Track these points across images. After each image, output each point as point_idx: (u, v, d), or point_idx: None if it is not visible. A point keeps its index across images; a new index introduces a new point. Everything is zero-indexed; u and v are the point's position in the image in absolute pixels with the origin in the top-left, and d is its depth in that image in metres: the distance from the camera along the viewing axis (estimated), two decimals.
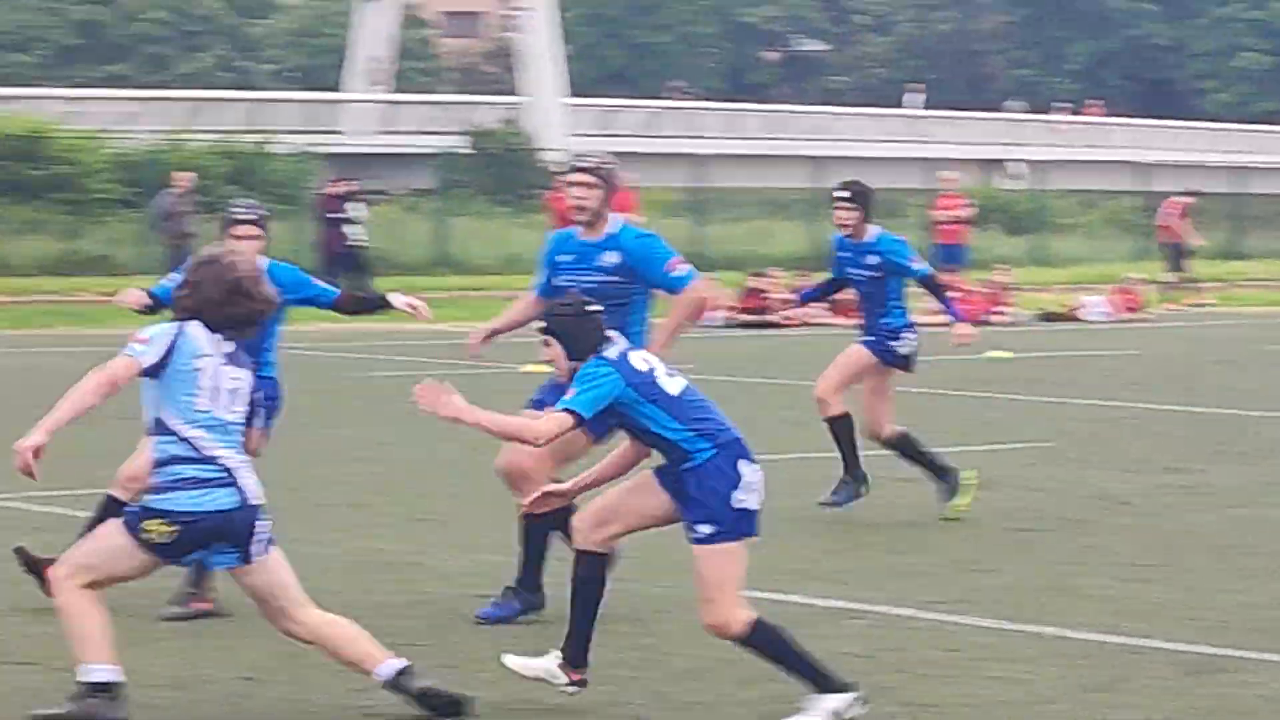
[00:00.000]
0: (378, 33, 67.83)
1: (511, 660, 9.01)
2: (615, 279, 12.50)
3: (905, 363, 15.91)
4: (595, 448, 11.10)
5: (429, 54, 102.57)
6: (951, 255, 45.63)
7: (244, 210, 12.00)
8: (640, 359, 8.54)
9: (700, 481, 8.69)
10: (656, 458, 9.18)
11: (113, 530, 9.04)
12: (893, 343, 15.45)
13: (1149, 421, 26.84)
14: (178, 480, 8.58)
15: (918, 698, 9.34)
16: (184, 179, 42.69)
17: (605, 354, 8.36)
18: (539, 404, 11.65)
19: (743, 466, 8.85)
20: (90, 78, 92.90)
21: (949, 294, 17.69)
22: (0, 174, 49.04)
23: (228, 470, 8.40)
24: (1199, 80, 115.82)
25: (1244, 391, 30.90)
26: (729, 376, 30.28)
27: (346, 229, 42.40)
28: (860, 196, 15.30)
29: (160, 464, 8.26)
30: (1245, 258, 70.77)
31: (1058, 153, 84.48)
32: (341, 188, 43.94)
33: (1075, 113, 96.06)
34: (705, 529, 8.30)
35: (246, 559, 8.80)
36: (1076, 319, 46.58)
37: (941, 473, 15.85)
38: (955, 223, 46.22)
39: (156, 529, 8.54)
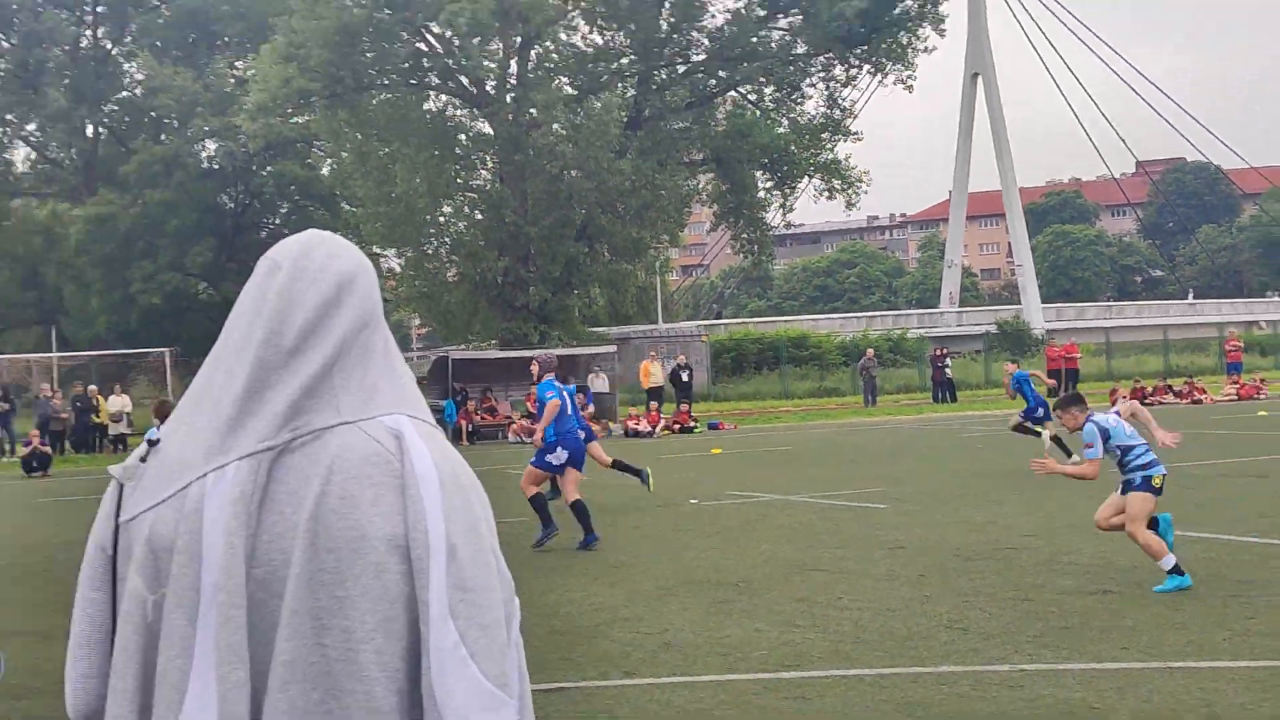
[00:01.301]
0: (952, 279, 60.72)
1: None
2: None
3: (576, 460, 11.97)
4: None
5: (974, 287, 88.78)
6: None
7: None
8: None
9: None
10: None
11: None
12: (549, 455, 11.46)
13: None
14: None
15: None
16: (870, 352, 37.78)
17: None
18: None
19: None
20: (821, 310, 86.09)
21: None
22: (782, 358, 44.11)
23: None
24: None
25: None
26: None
27: (945, 370, 37.56)
28: (546, 363, 11.72)
29: None
30: None
31: None
32: (939, 351, 39.04)
33: None
34: None
35: None
36: None
37: (545, 523, 11.51)
38: None
39: None
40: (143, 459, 1.63)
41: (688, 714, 6.18)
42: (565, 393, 11.98)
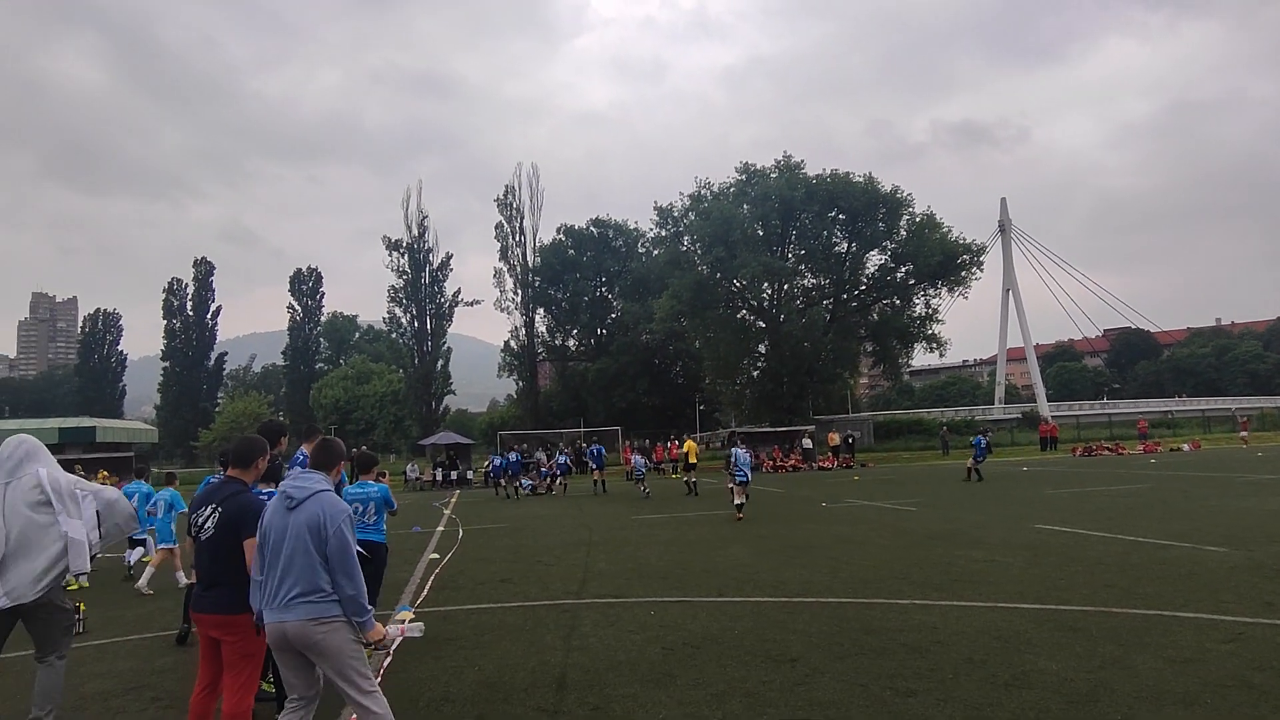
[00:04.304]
0: (998, 391, 74.54)
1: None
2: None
3: None
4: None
5: (1011, 394, 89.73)
6: None
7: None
8: None
9: None
10: None
11: None
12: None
13: None
14: None
15: None
16: (944, 428, 50.57)
17: None
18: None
19: None
20: (932, 405, 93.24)
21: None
22: (906, 430, 55.92)
23: None
24: None
25: None
26: None
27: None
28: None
29: None
30: None
31: None
32: (984, 428, 40.22)
33: None
34: None
35: None
36: None
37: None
38: None
39: None
40: None
41: (753, 612, 8.38)
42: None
